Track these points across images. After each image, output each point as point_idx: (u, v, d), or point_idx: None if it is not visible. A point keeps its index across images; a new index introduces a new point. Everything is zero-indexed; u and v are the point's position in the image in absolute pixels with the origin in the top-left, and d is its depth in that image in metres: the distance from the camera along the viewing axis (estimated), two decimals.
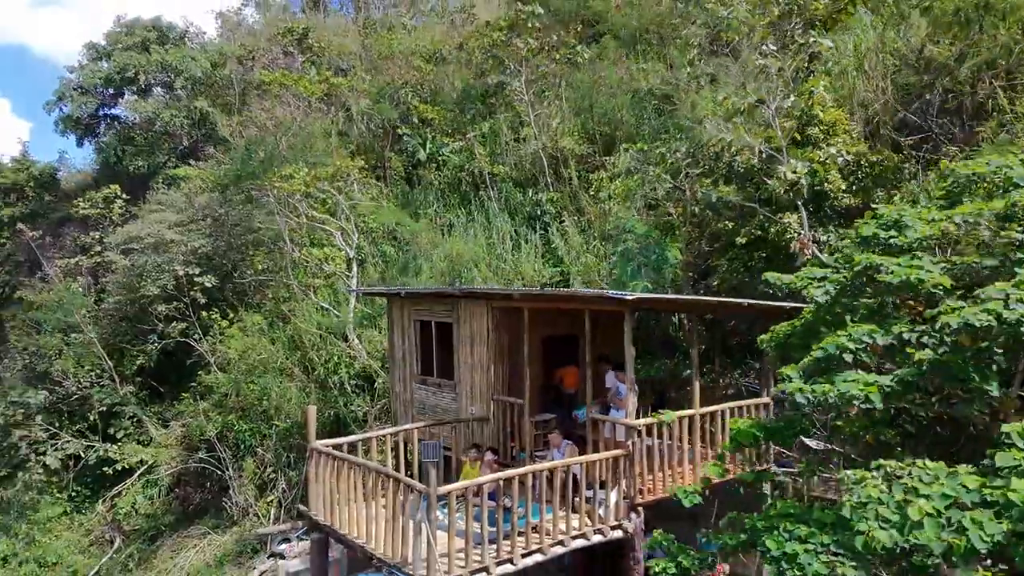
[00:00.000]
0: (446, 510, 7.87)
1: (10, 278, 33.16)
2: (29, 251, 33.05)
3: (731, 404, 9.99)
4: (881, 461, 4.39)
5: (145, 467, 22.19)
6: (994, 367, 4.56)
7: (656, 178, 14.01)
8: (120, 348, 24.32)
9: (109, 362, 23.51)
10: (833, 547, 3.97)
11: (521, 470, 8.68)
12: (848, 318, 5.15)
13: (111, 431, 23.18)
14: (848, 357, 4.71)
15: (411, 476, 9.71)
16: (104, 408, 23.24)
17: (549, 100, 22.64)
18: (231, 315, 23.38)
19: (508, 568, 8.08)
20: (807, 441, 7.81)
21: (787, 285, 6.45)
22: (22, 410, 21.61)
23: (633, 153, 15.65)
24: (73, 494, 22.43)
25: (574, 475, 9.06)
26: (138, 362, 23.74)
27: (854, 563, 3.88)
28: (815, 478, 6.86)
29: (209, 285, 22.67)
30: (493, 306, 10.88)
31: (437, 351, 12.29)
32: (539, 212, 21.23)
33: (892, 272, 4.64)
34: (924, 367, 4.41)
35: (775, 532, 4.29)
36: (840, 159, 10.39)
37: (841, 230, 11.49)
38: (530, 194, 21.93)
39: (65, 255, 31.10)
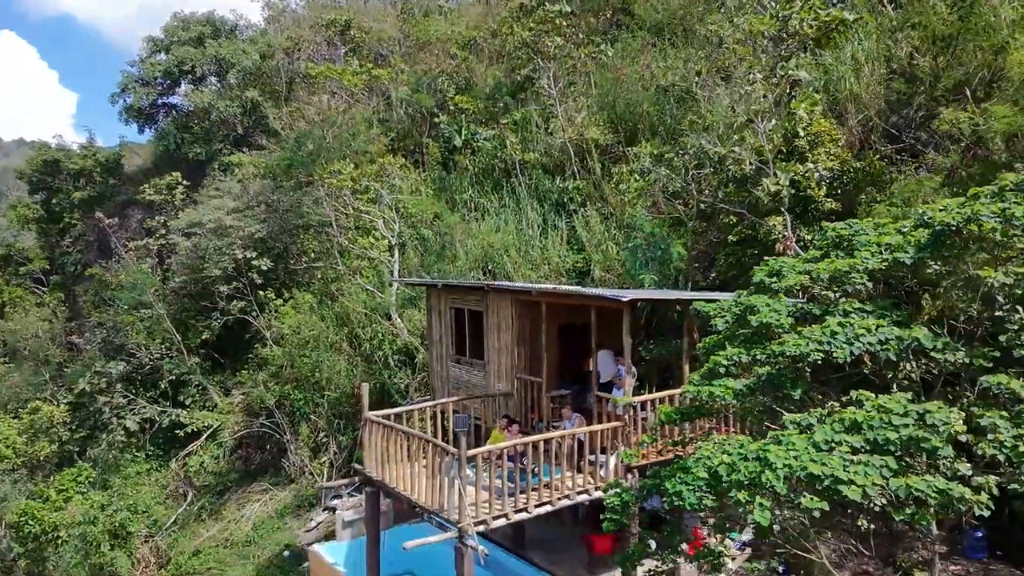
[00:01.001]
0: (475, 469, 9.83)
1: (82, 256, 36.02)
2: (98, 231, 35.81)
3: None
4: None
5: (211, 430, 24.72)
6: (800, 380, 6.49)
7: (666, 178, 15.60)
8: (185, 323, 26.76)
9: (177, 336, 26.01)
10: (704, 485, 5.86)
11: (536, 437, 10.62)
12: (728, 343, 6.92)
13: (180, 398, 25.75)
14: (722, 369, 6.65)
15: (446, 442, 11.68)
16: (173, 377, 25.80)
17: (575, 95, 24.10)
18: (285, 294, 25.64)
19: (523, 515, 10.08)
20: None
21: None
22: (104, 379, 24.23)
23: (647, 155, 17.20)
24: (149, 453, 25.09)
25: (580, 442, 10.96)
26: (203, 336, 26.17)
27: (710, 493, 5.78)
28: None
29: (265, 268, 24.86)
30: (516, 299, 12.75)
31: (469, 335, 14.24)
32: (566, 200, 22.82)
33: (759, 312, 6.33)
34: (762, 378, 6.34)
35: (672, 479, 6.13)
36: (816, 175, 11.89)
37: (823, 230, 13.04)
38: (558, 182, 23.45)
39: (131, 236, 33.77)
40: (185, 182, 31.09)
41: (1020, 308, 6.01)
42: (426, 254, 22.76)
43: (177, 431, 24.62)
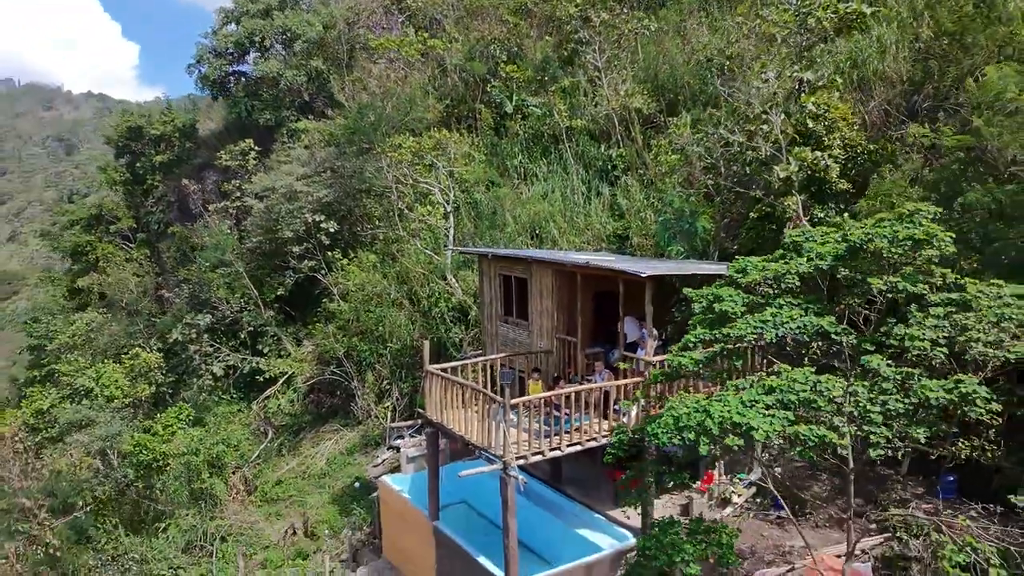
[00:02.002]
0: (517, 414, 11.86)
1: (164, 215, 39.13)
2: (178, 192, 38.76)
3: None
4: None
5: (286, 377, 27.49)
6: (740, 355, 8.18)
7: (697, 156, 17.04)
8: (261, 279, 29.42)
9: (254, 291, 28.70)
10: (670, 429, 7.63)
11: (569, 389, 12.58)
12: (699, 325, 8.53)
13: (258, 347, 28.59)
14: (691, 344, 8.39)
15: (494, 392, 13.72)
16: (252, 328, 28.61)
17: (620, 66, 25.29)
18: (350, 254, 27.96)
19: (557, 453, 12.14)
20: None
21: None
22: (194, 330, 27.16)
23: (683, 127, 18.56)
24: (233, 397, 28.09)
25: (607, 393, 12.88)
26: (277, 291, 28.80)
27: (676, 434, 7.52)
28: None
29: (332, 230, 27.16)
30: (555, 269, 14.59)
31: (516, 298, 16.18)
32: (610, 167, 24.29)
33: (722, 301, 7.95)
34: (716, 352, 8.07)
35: (652, 424, 7.92)
36: (823, 163, 13.23)
37: (838, 208, 14.45)
38: (603, 148, 24.88)
39: (207, 197, 36.58)
40: (256, 147, 33.51)
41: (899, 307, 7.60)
42: (479, 220, 24.58)
43: (257, 377, 27.48)
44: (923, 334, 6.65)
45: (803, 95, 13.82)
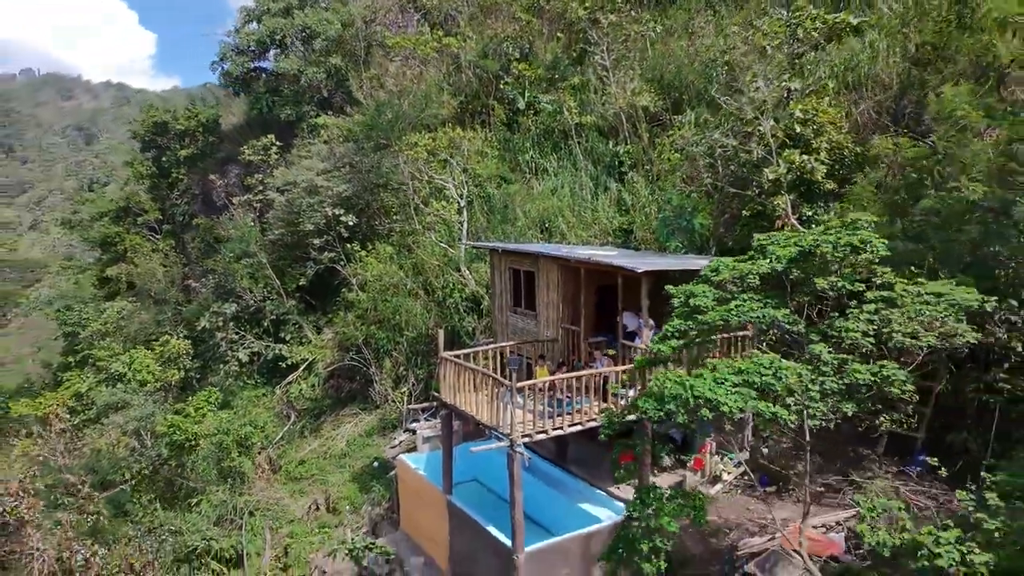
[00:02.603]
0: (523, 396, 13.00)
1: (188, 207, 40.55)
2: (202, 185, 40.17)
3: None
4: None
5: (307, 363, 28.82)
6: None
7: (698, 154, 18.05)
8: (283, 270, 30.71)
9: (276, 281, 30.01)
10: (655, 402, 8.65)
11: (573, 374, 13.72)
12: (677, 316, 9.56)
13: (281, 334, 29.91)
14: (670, 333, 9.40)
15: (504, 377, 14.87)
16: (274, 317, 29.92)
17: (627, 67, 26.22)
18: (368, 246, 29.18)
19: (559, 432, 13.28)
20: None
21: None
22: (220, 318, 28.51)
23: (686, 128, 19.54)
24: (256, 382, 29.47)
25: (607, 378, 14.00)
26: (298, 282, 30.09)
27: (658, 408, 8.55)
28: None
29: (351, 223, 28.38)
30: (560, 264, 15.70)
31: (524, 290, 17.31)
32: (617, 162, 25.27)
33: (696, 296, 8.98)
34: (691, 340, 9.09)
35: (640, 400, 8.99)
36: (810, 165, 14.20)
37: (824, 207, 15.45)
38: (611, 145, 25.84)
39: (230, 190, 37.94)
40: (277, 142, 34.76)
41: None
42: (491, 214, 25.69)
43: (279, 363, 28.80)
44: (856, 326, 7.67)
45: (791, 102, 14.79)
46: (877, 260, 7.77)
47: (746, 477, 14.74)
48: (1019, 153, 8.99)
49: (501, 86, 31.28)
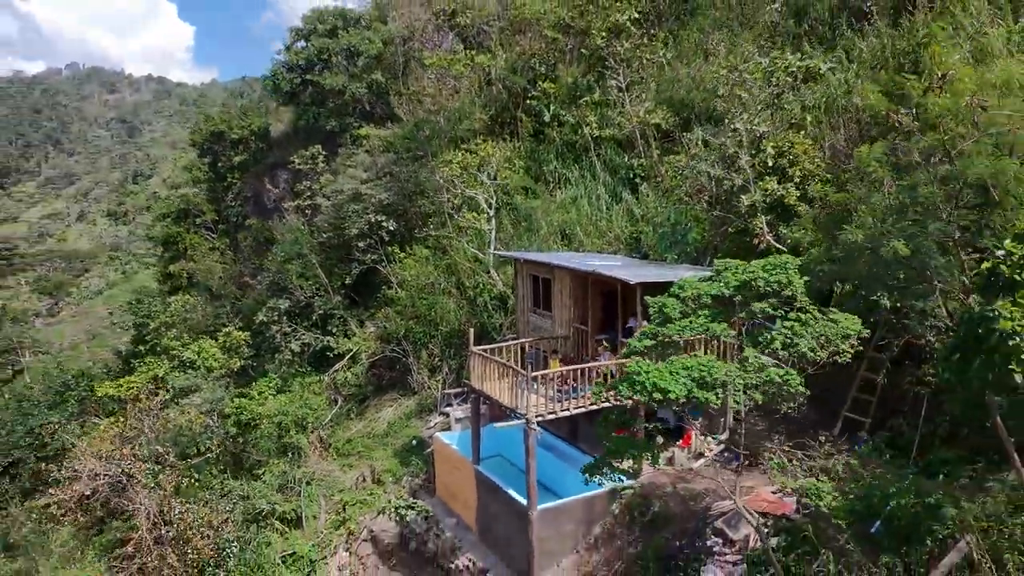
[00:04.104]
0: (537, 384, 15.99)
1: (241, 209, 44.21)
2: (254, 189, 43.79)
3: None
4: None
5: (351, 354, 32.13)
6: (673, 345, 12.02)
7: (695, 176, 20.81)
8: (330, 269, 34.04)
9: (325, 279, 33.36)
10: (626, 385, 11.40)
11: (580, 366, 16.68)
12: (651, 323, 12.23)
13: (328, 328, 33.26)
14: (644, 335, 12.05)
15: (524, 368, 17.86)
16: (322, 312, 33.25)
17: (640, 89, 28.93)
18: (406, 248, 32.36)
19: (566, 413, 16.26)
20: None
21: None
22: (275, 313, 31.94)
23: (686, 153, 22.29)
24: (307, 370, 32.87)
25: (612, 371, 16.93)
26: (344, 280, 33.39)
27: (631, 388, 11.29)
28: None
29: (391, 228, 31.58)
30: (571, 273, 18.63)
31: (542, 294, 20.29)
32: (632, 175, 28.02)
33: (667, 307, 11.72)
34: (658, 343, 11.76)
35: (618, 382, 11.82)
36: (780, 193, 16.89)
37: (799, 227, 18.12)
38: (626, 158, 28.59)
39: (279, 194, 41.48)
40: (323, 152, 38.12)
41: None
42: (517, 223, 28.66)
43: (327, 353, 32.18)
44: (777, 339, 10.34)
45: (765, 140, 17.49)
46: (796, 293, 10.45)
47: (725, 453, 17.59)
48: (897, 203, 11.57)
49: (528, 100, 34.18)
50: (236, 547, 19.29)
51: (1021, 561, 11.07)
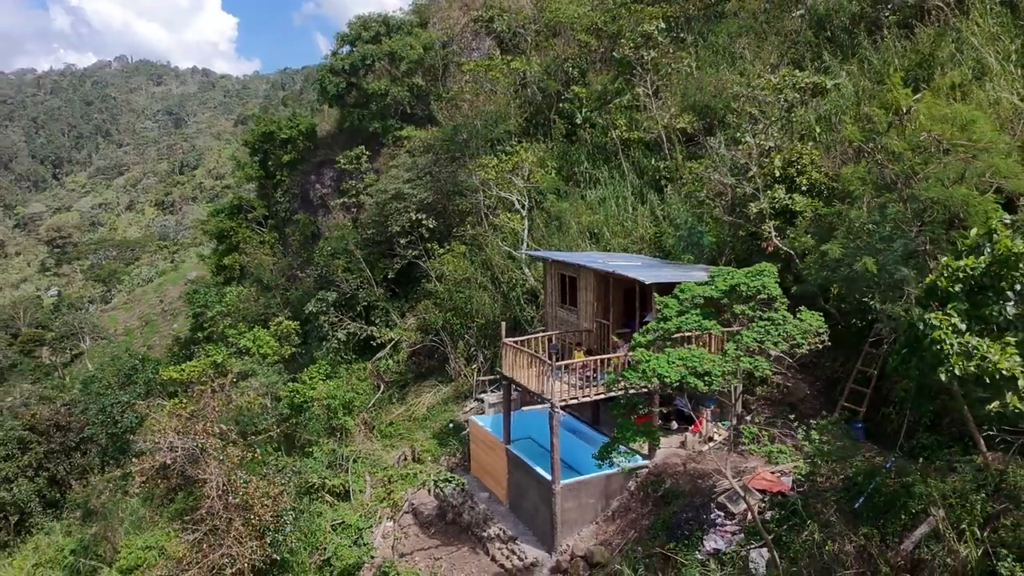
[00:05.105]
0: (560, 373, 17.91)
1: (289, 205, 46.77)
2: (301, 186, 46.29)
3: None
4: None
5: (393, 343, 34.43)
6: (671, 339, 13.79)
7: (710, 183, 22.46)
8: (373, 263, 36.34)
9: (368, 272, 35.66)
10: (632, 373, 13.14)
11: (599, 356, 18.55)
12: (655, 321, 13.97)
13: (371, 318, 35.60)
14: (648, 330, 13.77)
15: (550, 358, 19.77)
16: (366, 303, 35.60)
17: (667, 95, 30.48)
18: (445, 244, 34.44)
19: (587, 399, 18.16)
20: None
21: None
22: (323, 304, 34.36)
23: (696, 167, 23.94)
24: (352, 357, 35.26)
25: (629, 360, 18.75)
26: (386, 274, 35.66)
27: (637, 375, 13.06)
28: None
29: (431, 226, 33.69)
30: (594, 272, 20.46)
31: (569, 291, 22.18)
32: (658, 176, 29.63)
33: (667, 307, 13.43)
34: (658, 336, 13.48)
35: (627, 370, 13.62)
36: (785, 202, 18.45)
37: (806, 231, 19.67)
38: (653, 161, 30.20)
39: (325, 191, 43.90)
40: (367, 151, 40.37)
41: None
42: (548, 223, 30.52)
43: (370, 342, 34.52)
44: (751, 336, 12.05)
45: (772, 153, 19.07)
46: (773, 295, 12.15)
47: (751, 438, 19.31)
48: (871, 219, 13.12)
49: (561, 103, 35.94)
50: (292, 515, 21.57)
51: (978, 532, 12.69)
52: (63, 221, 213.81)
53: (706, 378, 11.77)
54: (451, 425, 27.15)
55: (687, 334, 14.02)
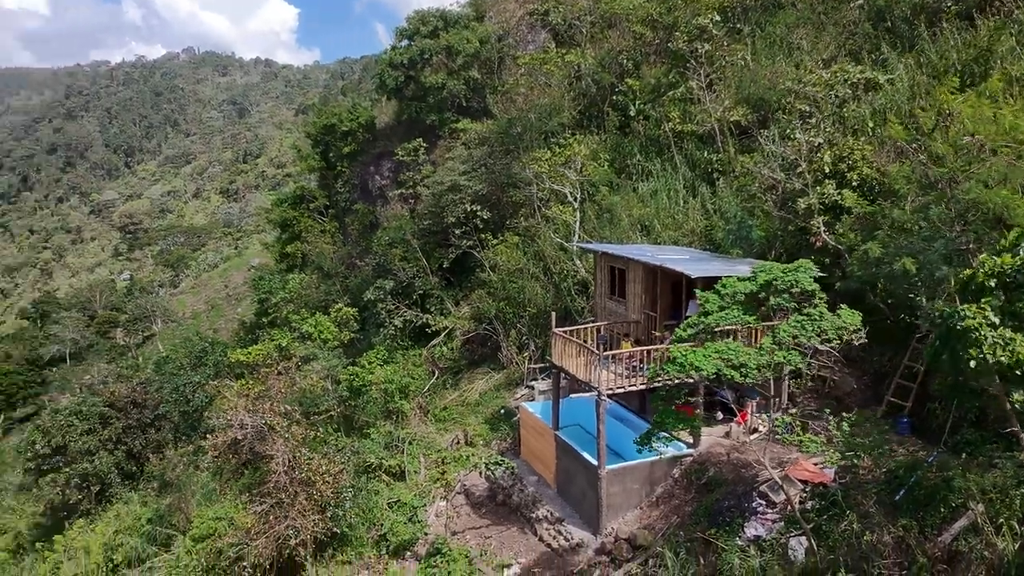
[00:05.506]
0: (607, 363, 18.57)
1: (349, 195, 48.31)
2: (360, 177, 47.72)
3: None
4: None
5: (447, 330, 35.50)
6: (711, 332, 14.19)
7: (760, 178, 22.67)
8: (429, 252, 37.45)
9: (424, 262, 36.78)
10: (672, 365, 13.71)
11: (643, 348, 19.12)
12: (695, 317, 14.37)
13: (426, 306, 36.74)
14: (689, 324, 14.19)
15: (598, 348, 20.40)
16: (422, 291, 36.75)
17: (721, 87, 30.56)
18: (499, 235, 35.27)
19: (634, 388, 18.76)
20: None
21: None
22: (381, 292, 35.64)
23: (746, 162, 24.10)
24: (408, 344, 36.50)
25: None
26: (441, 263, 36.72)
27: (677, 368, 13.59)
28: None
29: (485, 217, 34.55)
30: (642, 265, 20.97)
31: (618, 282, 22.75)
32: (710, 169, 29.81)
33: (708, 302, 13.87)
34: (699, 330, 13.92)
35: (666, 363, 14.19)
36: (835, 197, 18.57)
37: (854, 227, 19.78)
38: (706, 153, 30.37)
39: (383, 182, 45.19)
40: (424, 143, 41.44)
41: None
42: (600, 215, 31.03)
43: (425, 329, 35.67)
44: (787, 330, 12.44)
45: (822, 149, 19.20)
46: (806, 291, 12.54)
47: (776, 429, 19.64)
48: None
49: (614, 95, 36.25)
50: (351, 492, 22.80)
51: (1016, 526, 12.90)
52: (134, 208, 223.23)
53: (742, 370, 12.27)
54: (502, 411, 28.04)
55: (728, 328, 14.52)
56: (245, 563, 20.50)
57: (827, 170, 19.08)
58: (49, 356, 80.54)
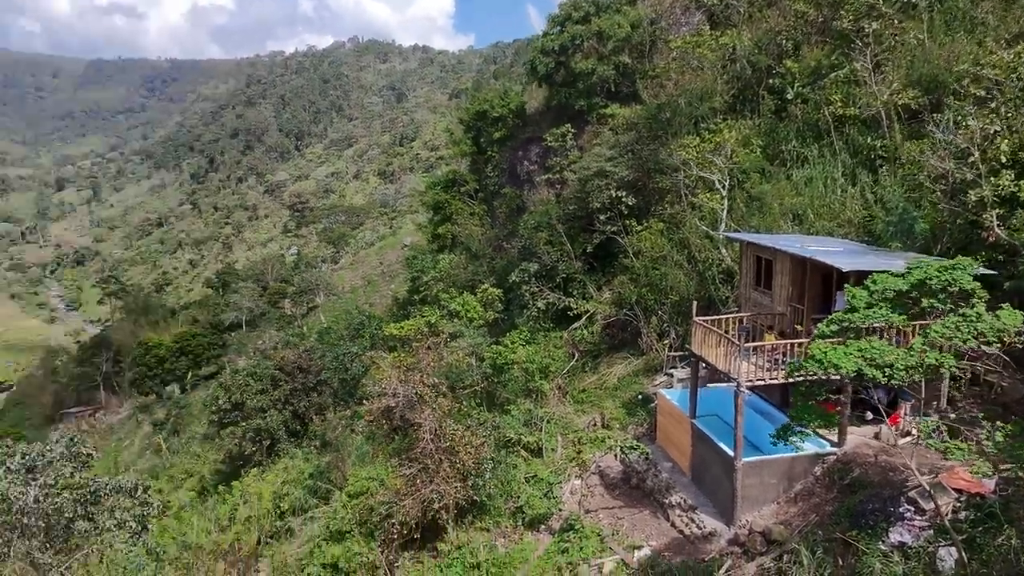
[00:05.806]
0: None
1: (498, 179, 49.77)
2: (509, 161, 49.00)
3: None
4: None
5: (588, 314, 35.97)
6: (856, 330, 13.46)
7: (925, 166, 21.27)
8: (573, 237, 38.01)
9: (569, 246, 37.41)
10: (812, 363, 13.27)
11: (790, 340, 18.68)
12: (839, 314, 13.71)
13: (569, 289, 37.40)
14: (831, 321, 13.61)
15: (740, 340, 20.13)
16: (565, 275, 37.41)
17: (889, 69, 28.64)
18: (643, 221, 35.20)
19: (774, 381, 18.41)
20: None
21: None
22: (526, 274, 36.71)
23: (912, 150, 22.50)
24: (549, 325, 37.37)
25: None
26: (585, 248, 37.19)
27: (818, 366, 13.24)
28: None
29: (631, 203, 34.59)
30: (791, 256, 20.37)
31: (764, 273, 22.22)
32: (873, 157, 28.16)
33: (855, 298, 13.26)
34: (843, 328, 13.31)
35: (806, 360, 13.80)
36: (1008, 191, 17.07)
37: None
38: (869, 139, 28.67)
39: (531, 167, 46.16)
40: (572, 129, 41.90)
41: None
42: (749, 203, 30.21)
43: (567, 312, 36.32)
44: (939, 331, 11.68)
45: (999, 137, 17.70)
46: (969, 290, 11.74)
47: (932, 435, 18.57)
48: None
49: (771, 78, 34.91)
50: (491, 464, 23.99)
51: None
52: (302, 188, 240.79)
53: (887, 371, 11.86)
54: (640, 396, 28.24)
55: (875, 326, 13.98)
56: (394, 520, 22.20)
57: (1004, 160, 17.62)
58: (228, 322, 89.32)
